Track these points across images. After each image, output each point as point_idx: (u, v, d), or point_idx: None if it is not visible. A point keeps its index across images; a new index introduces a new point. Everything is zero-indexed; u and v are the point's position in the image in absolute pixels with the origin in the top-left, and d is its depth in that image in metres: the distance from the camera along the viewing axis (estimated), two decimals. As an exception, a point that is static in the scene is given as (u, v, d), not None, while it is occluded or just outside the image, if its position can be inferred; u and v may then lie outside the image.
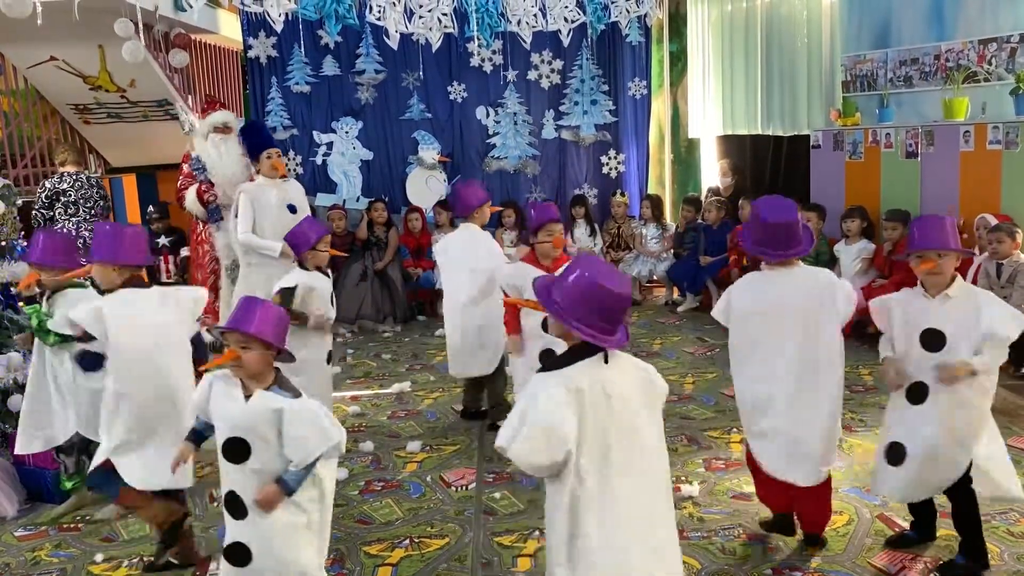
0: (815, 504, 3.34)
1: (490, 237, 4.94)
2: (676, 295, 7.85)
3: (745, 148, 8.33)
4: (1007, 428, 4.47)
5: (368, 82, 8.12)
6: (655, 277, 8.00)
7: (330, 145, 8.16)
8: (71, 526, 3.92)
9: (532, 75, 8.34)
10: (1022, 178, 5.43)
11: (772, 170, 8.02)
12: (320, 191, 8.07)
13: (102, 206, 6.73)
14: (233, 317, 2.61)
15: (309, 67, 8.01)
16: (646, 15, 8.42)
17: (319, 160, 8.12)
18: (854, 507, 3.66)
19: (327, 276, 4.19)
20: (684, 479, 4.05)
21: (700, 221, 7.76)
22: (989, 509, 3.52)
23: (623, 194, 8.33)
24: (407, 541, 3.59)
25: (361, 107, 8.18)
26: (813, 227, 6.54)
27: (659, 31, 8.74)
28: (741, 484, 3.92)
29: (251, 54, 7.96)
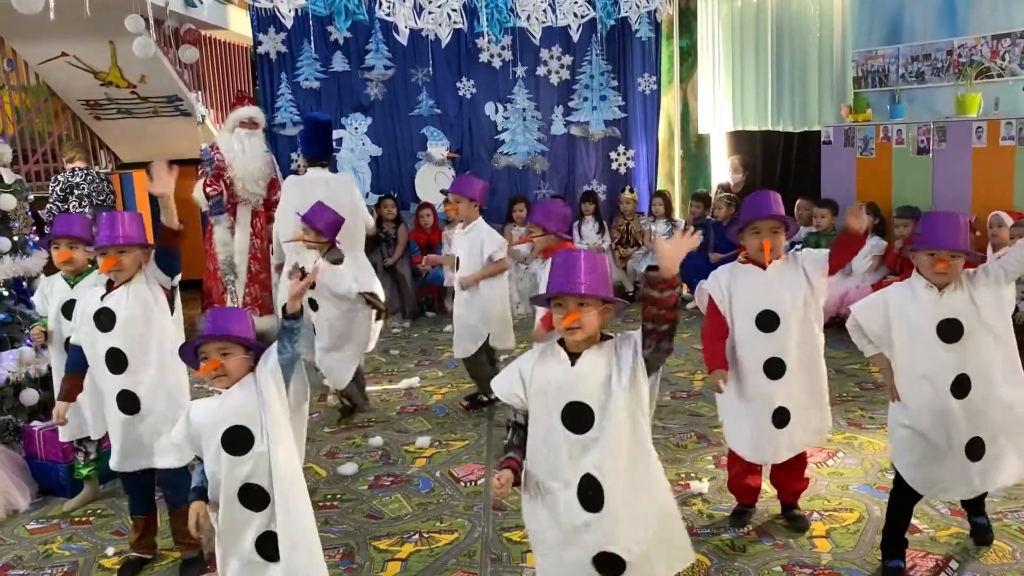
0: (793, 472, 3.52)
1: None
2: (685, 291, 7.82)
3: (755, 144, 8.30)
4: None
5: (377, 78, 8.12)
6: (664, 273, 7.97)
7: (339, 141, 8.16)
8: (82, 519, 3.94)
9: (541, 71, 8.32)
10: (1035, 174, 5.41)
11: (782, 166, 7.99)
12: (329, 187, 8.09)
13: (112, 200, 6.78)
14: (208, 328, 2.58)
15: (318, 63, 8.01)
16: (656, 10, 8.39)
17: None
18: (865, 504, 3.65)
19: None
20: (694, 476, 4.05)
21: (710, 217, 7.74)
22: (1001, 507, 3.52)
23: (632, 190, 8.31)
24: (416, 536, 3.60)
25: (370, 103, 8.18)
26: (826, 223, 6.53)
27: (669, 26, 8.70)
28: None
29: (261, 50, 7.97)
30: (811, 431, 3.40)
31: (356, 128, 8.21)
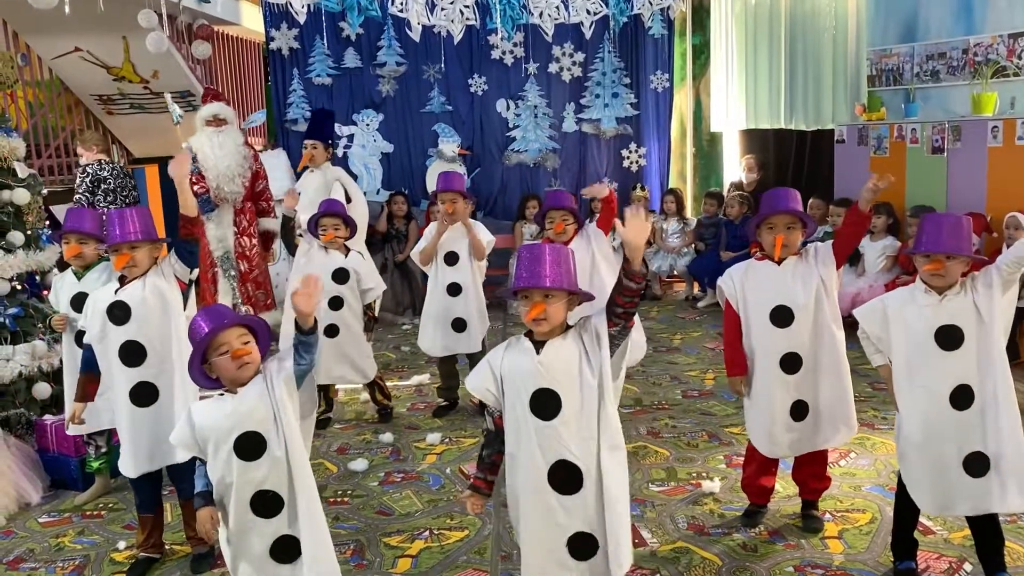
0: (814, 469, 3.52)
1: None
2: (696, 290, 7.81)
3: (768, 142, 8.26)
4: None
5: (389, 74, 8.12)
6: (675, 272, 7.97)
7: (351, 137, 8.18)
8: (94, 513, 3.95)
9: (553, 68, 8.31)
10: (1051, 174, 5.36)
11: (795, 165, 7.95)
12: (341, 183, 8.10)
13: (135, 196, 6.75)
14: (215, 320, 2.50)
15: (331, 59, 8.02)
16: (669, 7, 8.36)
17: (340, 152, 8.13)
18: (877, 505, 3.63)
19: (344, 255, 4.75)
20: (705, 475, 4.03)
21: (721, 216, 7.71)
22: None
23: (644, 188, 8.28)
24: (427, 533, 3.60)
25: (382, 99, 8.18)
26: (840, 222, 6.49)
27: (682, 24, 8.67)
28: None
29: (273, 46, 7.98)
30: (833, 428, 3.36)
31: (368, 124, 8.21)
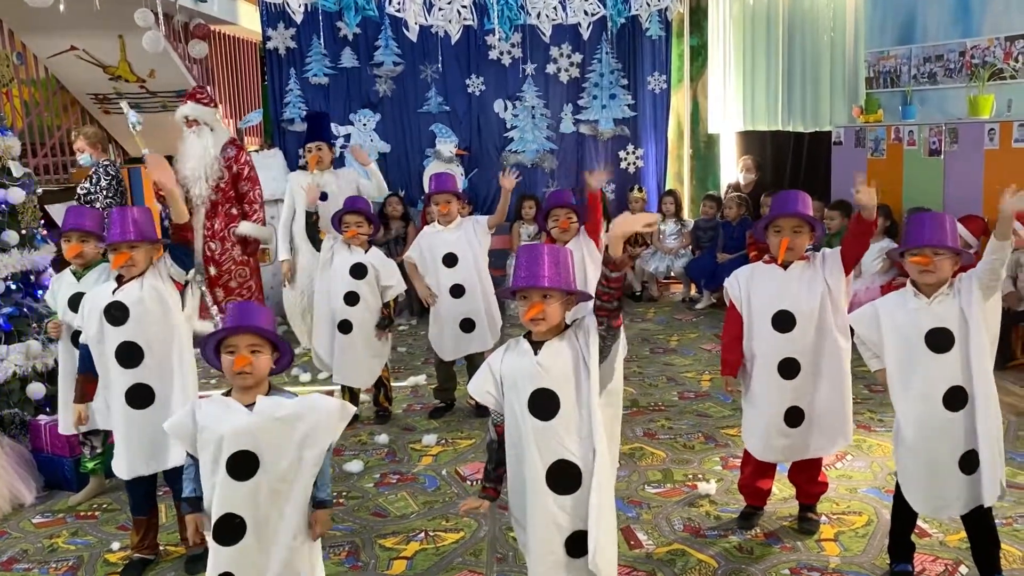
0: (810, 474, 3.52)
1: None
2: (693, 292, 7.80)
3: (765, 144, 8.25)
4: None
5: (386, 74, 8.11)
6: (672, 273, 7.96)
7: (348, 137, 8.16)
8: (88, 514, 3.94)
9: (551, 68, 8.30)
10: (1048, 177, 5.35)
11: (793, 167, 7.95)
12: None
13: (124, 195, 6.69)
14: (235, 319, 2.45)
15: (327, 59, 8.00)
16: (667, 9, 8.36)
17: (336, 152, 8.11)
18: (873, 508, 3.62)
19: (364, 251, 4.79)
20: (701, 477, 4.03)
21: (719, 218, 7.71)
22: (1011, 512, 3.49)
23: (641, 189, 8.28)
24: (422, 534, 3.59)
25: (379, 99, 8.17)
26: (836, 225, 6.49)
27: (679, 25, 8.66)
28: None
29: (270, 45, 7.97)
30: (828, 438, 3.35)
31: (364, 124, 8.20)
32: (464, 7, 7.98)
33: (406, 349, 6.53)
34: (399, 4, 7.84)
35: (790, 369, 3.26)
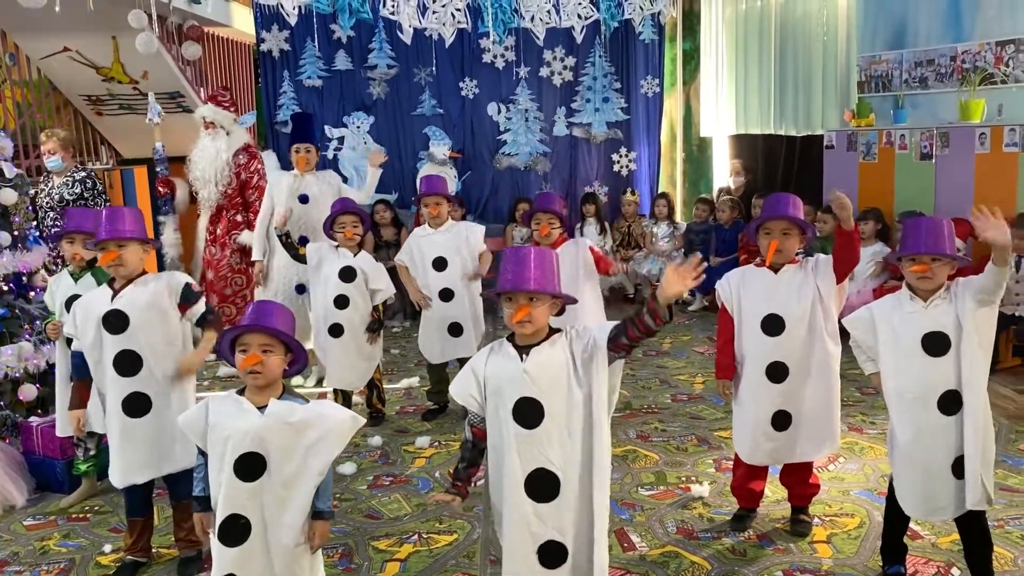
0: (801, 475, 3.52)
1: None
2: (686, 294, 7.81)
3: (757, 148, 8.28)
4: (1020, 432, 4.45)
5: (380, 77, 8.11)
6: (665, 276, 7.96)
7: (341, 140, 8.16)
8: (80, 516, 3.92)
9: (544, 72, 8.31)
10: (1039, 181, 5.39)
11: (784, 170, 7.97)
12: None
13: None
14: (252, 318, 2.45)
15: (321, 61, 8.00)
16: (660, 13, 8.38)
17: (330, 155, 8.12)
18: (865, 510, 3.64)
19: (353, 255, 4.74)
20: (694, 479, 4.03)
21: (712, 221, 7.73)
22: (1003, 514, 3.51)
23: (634, 192, 8.30)
24: (415, 536, 3.58)
25: (373, 102, 8.17)
26: (828, 228, 6.51)
27: (672, 29, 8.69)
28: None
29: (264, 47, 7.96)
30: (815, 442, 3.36)
31: (358, 127, 8.20)
32: (458, 10, 7.99)
33: (399, 351, 6.52)
34: (393, 7, 7.85)
35: (778, 373, 3.27)
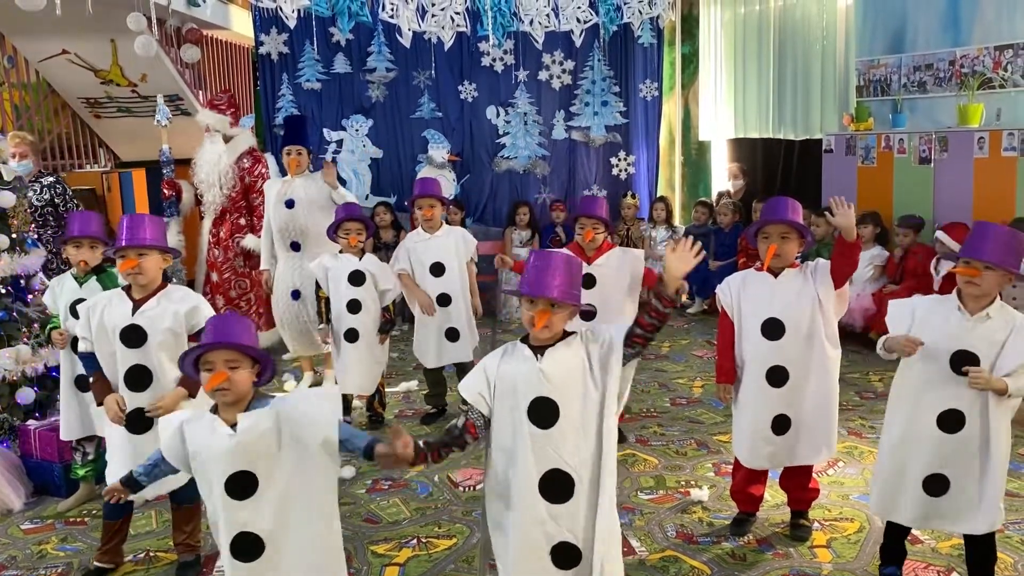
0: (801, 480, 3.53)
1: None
2: (685, 298, 7.81)
3: (756, 151, 8.29)
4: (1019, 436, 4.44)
5: (379, 80, 8.11)
6: (664, 280, 7.96)
7: (340, 143, 8.15)
8: (77, 520, 3.91)
9: (543, 75, 8.31)
10: (1037, 185, 5.40)
11: (783, 174, 7.98)
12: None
13: None
14: (213, 335, 2.38)
15: (320, 64, 7.99)
16: (659, 17, 8.38)
17: (329, 158, 8.10)
18: (865, 514, 3.63)
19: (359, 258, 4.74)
20: (694, 483, 4.03)
21: (711, 225, 7.73)
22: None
23: (633, 196, 8.30)
24: (414, 541, 3.58)
25: (372, 105, 8.16)
26: (822, 232, 6.51)
27: (671, 33, 8.70)
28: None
29: (262, 50, 7.95)
30: (813, 447, 3.36)
31: (357, 130, 8.19)
32: (457, 14, 7.99)
33: (398, 355, 6.51)
34: (392, 10, 7.84)
35: (778, 377, 3.27)
